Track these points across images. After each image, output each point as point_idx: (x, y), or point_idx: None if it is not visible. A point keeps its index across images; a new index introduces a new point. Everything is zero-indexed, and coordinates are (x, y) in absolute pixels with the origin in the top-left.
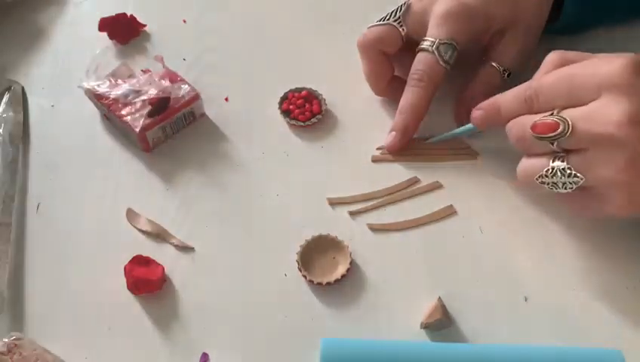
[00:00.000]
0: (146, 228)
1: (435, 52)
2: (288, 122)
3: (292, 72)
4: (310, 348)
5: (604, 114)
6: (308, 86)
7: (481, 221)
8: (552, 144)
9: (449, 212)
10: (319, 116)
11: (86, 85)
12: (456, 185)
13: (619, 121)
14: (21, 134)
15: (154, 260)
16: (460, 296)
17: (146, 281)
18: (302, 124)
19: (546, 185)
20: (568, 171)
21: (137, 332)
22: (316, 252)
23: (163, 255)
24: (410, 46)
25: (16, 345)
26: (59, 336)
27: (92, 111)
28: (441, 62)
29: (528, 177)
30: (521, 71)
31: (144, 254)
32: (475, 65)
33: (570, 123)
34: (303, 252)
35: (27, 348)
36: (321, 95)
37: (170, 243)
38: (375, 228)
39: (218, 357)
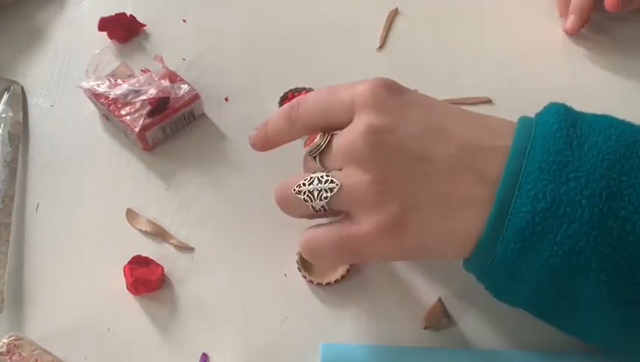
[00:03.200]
0: (146, 228)
1: None
2: None
3: (292, 72)
4: (310, 349)
5: (351, 127)
6: (308, 86)
7: None
8: (315, 159)
9: None
10: None
11: (85, 85)
12: None
13: (358, 133)
14: (20, 134)
15: (153, 260)
16: (460, 296)
17: (146, 281)
18: None
19: (301, 196)
20: (326, 178)
21: (137, 333)
22: None
23: (163, 255)
24: None
25: (15, 345)
26: (59, 336)
27: (92, 111)
28: None
29: (284, 189)
30: None
31: (144, 254)
32: None
33: (327, 137)
34: None
35: (27, 348)
36: None
37: (170, 243)
38: None
39: (218, 357)
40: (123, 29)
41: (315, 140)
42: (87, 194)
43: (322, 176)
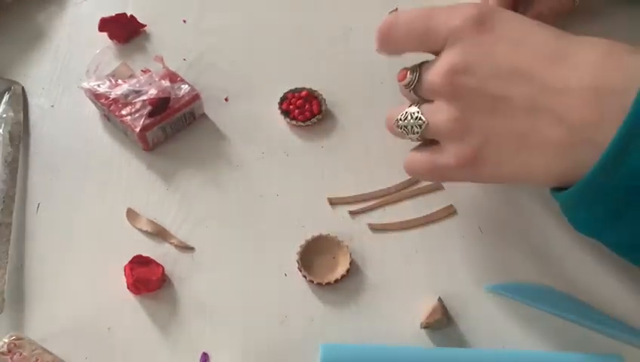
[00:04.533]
0: (146, 228)
1: None
2: (288, 122)
3: (292, 72)
4: (310, 349)
5: (437, 64)
6: (308, 86)
7: (481, 221)
8: (412, 92)
9: (449, 212)
10: (319, 116)
11: (86, 85)
12: (456, 185)
13: (441, 72)
14: (21, 134)
15: (154, 260)
16: (460, 296)
17: (146, 281)
18: (302, 124)
19: (399, 129)
20: (416, 115)
21: (137, 332)
22: (316, 252)
23: (163, 255)
24: None
25: (16, 344)
26: (59, 336)
27: (92, 111)
28: None
29: (389, 121)
30: None
31: (144, 254)
32: None
33: (417, 73)
34: (303, 252)
35: (27, 348)
36: (321, 95)
37: (170, 243)
38: (375, 228)
39: (218, 357)
40: (123, 30)
41: (408, 77)
42: (87, 194)
43: (414, 113)
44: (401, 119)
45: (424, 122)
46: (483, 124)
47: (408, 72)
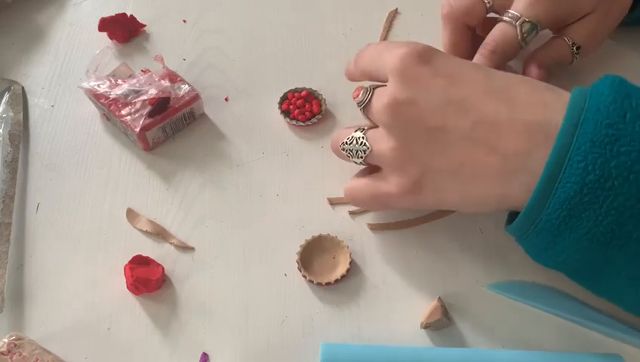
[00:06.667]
0: (146, 228)
1: (518, 28)
2: (288, 122)
3: (292, 72)
4: (310, 349)
5: (382, 93)
6: (308, 86)
7: (481, 221)
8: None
9: (449, 212)
10: (319, 116)
11: (86, 85)
12: None
13: (384, 101)
14: (21, 134)
15: (154, 260)
16: (460, 296)
17: (146, 281)
18: (302, 124)
19: (344, 152)
20: (361, 140)
21: (137, 332)
22: (316, 252)
23: (163, 255)
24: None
25: (16, 344)
26: (59, 336)
27: (92, 111)
28: (519, 39)
29: (335, 143)
30: (593, 50)
31: (144, 254)
32: None
33: (370, 94)
34: (303, 252)
35: (27, 348)
36: (321, 95)
37: (170, 243)
38: (375, 228)
39: (218, 357)
40: (123, 30)
41: (360, 96)
42: (87, 194)
43: (359, 138)
44: (346, 142)
45: (368, 148)
46: (422, 153)
47: (361, 92)
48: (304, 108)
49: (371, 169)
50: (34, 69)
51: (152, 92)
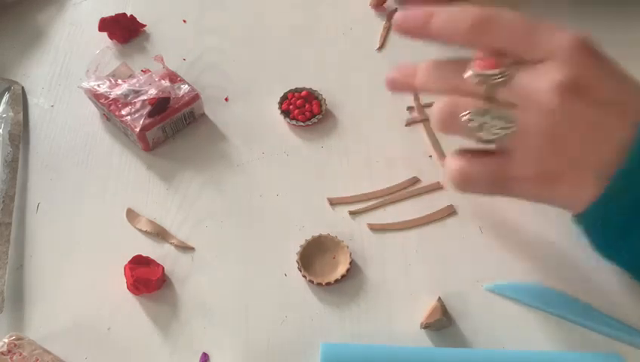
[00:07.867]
0: (146, 228)
1: None
2: (288, 122)
3: (292, 72)
4: (310, 348)
5: (545, 76)
6: (308, 86)
7: (481, 221)
8: (481, 84)
9: (449, 212)
10: (319, 116)
11: (86, 85)
12: None
13: (552, 84)
14: (21, 134)
15: (154, 260)
16: (460, 296)
17: (146, 281)
18: (302, 124)
19: (471, 123)
20: (503, 114)
21: (137, 333)
22: (316, 252)
23: (163, 255)
24: None
25: (16, 344)
26: (59, 336)
27: (92, 111)
28: None
29: (452, 114)
30: None
31: (144, 254)
32: None
33: (510, 69)
34: (303, 252)
35: (27, 348)
36: (321, 95)
37: (170, 243)
38: (375, 228)
39: (218, 357)
40: (123, 30)
41: (498, 69)
42: (87, 194)
43: (499, 111)
44: (478, 114)
45: (514, 126)
46: (577, 147)
47: (501, 63)
48: (304, 108)
49: (474, 150)
50: (34, 69)
51: (152, 92)
